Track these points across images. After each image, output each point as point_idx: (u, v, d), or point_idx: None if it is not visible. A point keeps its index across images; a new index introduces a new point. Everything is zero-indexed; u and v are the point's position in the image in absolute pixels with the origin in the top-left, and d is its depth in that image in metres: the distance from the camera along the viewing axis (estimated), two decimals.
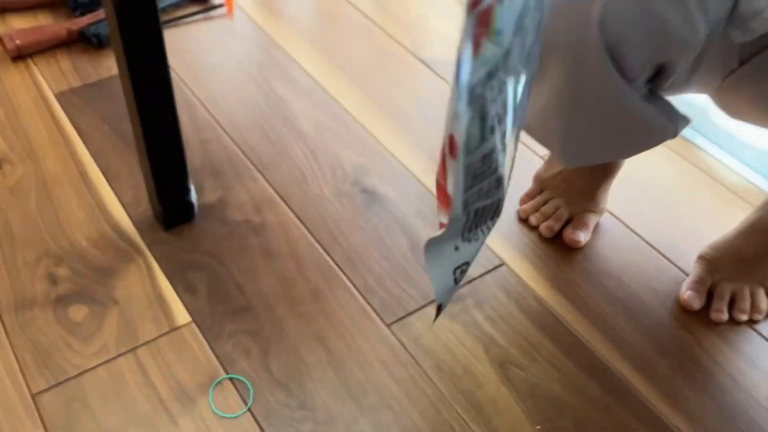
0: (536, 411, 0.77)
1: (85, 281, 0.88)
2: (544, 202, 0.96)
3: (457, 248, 0.55)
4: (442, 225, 0.53)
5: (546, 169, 0.97)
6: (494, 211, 0.56)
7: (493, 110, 0.48)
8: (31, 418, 0.75)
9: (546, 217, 0.95)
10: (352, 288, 0.88)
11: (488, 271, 0.91)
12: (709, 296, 0.88)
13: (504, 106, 0.49)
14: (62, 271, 0.89)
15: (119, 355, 0.81)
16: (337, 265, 0.91)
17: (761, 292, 0.87)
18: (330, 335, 0.83)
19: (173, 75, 1.17)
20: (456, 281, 0.57)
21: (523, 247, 0.94)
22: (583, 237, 0.93)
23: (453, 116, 0.46)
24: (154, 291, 0.87)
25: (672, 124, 0.66)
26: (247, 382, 0.78)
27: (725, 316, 0.86)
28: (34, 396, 0.77)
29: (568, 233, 0.94)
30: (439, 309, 0.58)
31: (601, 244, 0.95)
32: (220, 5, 1.32)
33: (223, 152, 1.05)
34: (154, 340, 0.82)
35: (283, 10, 1.33)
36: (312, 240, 0.93)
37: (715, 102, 0.79)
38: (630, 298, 0.89)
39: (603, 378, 0.81)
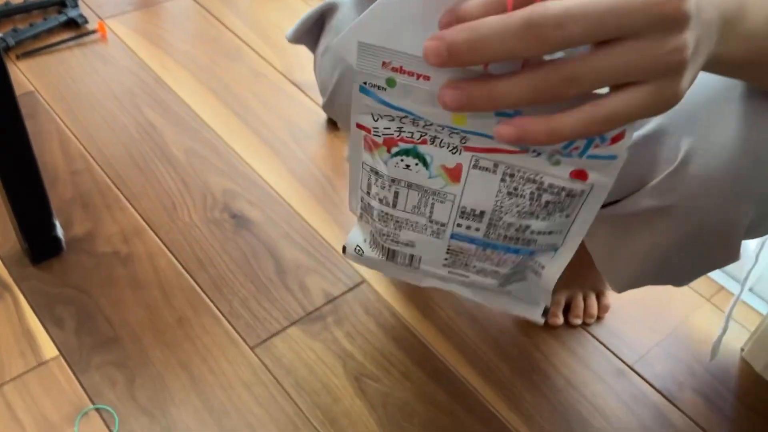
0: (387, 420, 0.84)
1: None
2: None
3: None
4: None
5: None
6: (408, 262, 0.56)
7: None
8: None
9: None
10: (217, 313, 0.93)
11: (350, 289, 0.97)
12: None
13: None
14: None
15: None
16: (203, 291, 0.95)
17: (593, 297, 0.97)
18: (194, 361, 0.88)
19: (45, 105, 1.19)
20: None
21: None
22: None
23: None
24: (22, 327, 0.89)
25: None
26: (113, 411, 0.82)
27: (560, 321, 0.95)
28: None
29: None
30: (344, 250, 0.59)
31: None
32: (94, 31, 1.33)
33: (93, 183, 1.07)
34: (20, 375, 0.85)
35: (157, 34, 1.36)
36: (180, 268, 0.97)
37: None
38: (476, 308, 0.97)
39: (450, 385, 0.88)
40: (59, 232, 0.96)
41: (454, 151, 0.45)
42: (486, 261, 0.52)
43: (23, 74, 1.24)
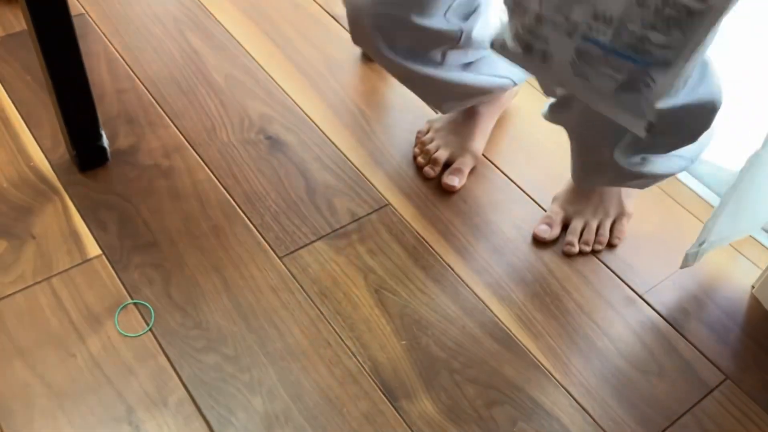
0: (403, 329, 0.89)
1: (3, 218, 0.96)
2: (431, 141, 1.08)
3: None
4: None
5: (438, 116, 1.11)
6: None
7: None
8: None
9: (429, 157, 1.07)
10: (250, 225, 0.98)
11: (374, 210, 1.02)
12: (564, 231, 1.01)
13: None
14: None
15: (35, 284, 0.90)
16: (237, 204, 1.01)
17: (607, 224, 1.00)
18: (227, 266, 0.94)
19: (94, 26, 1.24)
20: None
21: (408, 189, 1.05)
22: (457, 181, 1.05)
23: None
24: (69, 227, 0.96)
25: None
26: (149, 306, 0.89)
27: (576, 249, 0.99)
28: None
29: (444, 179, 1.05)
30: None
31: (477, 187, 1.07)
32: None
33: (137, 101, 1.13)
34: (67, 270, 0.92)
35: None
36: (216, 183, 1.03)
37: None
38: (495, 234, 1.01)
39: (464, 302, 0.93)
40: (105, 143, 1.02)
41: None
42: (606, 66, 0.61)
43: None
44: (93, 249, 0.94)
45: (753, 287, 0.99)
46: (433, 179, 1.06)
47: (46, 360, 0.83)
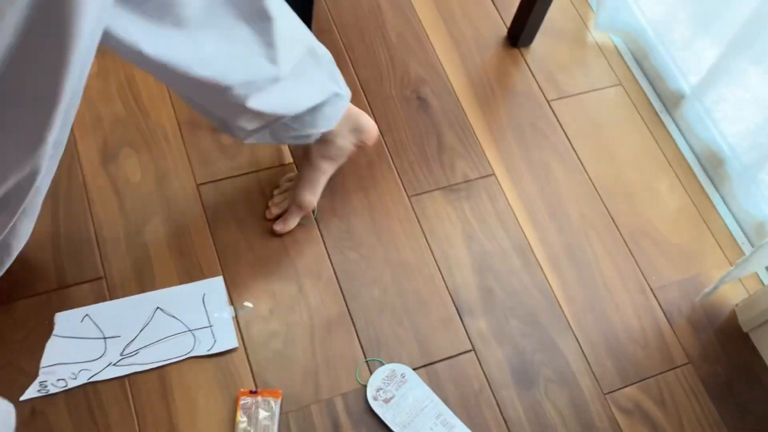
0: (479, 269, 1.30)
1: None
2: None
3: None
4: None
5: None
6: None
7: None
8: (195, 200, 1.30)
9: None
10: (392, 165, 1.38)
11: (482, 177, 1.40)
12: None
13: None
14: None
15: (248, 173, 1.33)
16: (387, 148, 1.40)
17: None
18: (372, 193, 1.35)
19: None
20: None
21: (510, 165, 1.42)
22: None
23: None
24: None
25: None
26: (315, 207, 1.32)
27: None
28: (198, 185, 1.31)
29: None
30: None
31: (564, 177, 1.42)
32: None
33: (332, 46, 1.50)
34: (268, 168, 1.35)
35: None
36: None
37: None
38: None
39: (528, 264, 1.32)
40: None
41: None
42: None
43: None
44: (287, 159, 1.36)
45: (737, 305, 1.35)
46: None
47: (252, 229, 1.28)
